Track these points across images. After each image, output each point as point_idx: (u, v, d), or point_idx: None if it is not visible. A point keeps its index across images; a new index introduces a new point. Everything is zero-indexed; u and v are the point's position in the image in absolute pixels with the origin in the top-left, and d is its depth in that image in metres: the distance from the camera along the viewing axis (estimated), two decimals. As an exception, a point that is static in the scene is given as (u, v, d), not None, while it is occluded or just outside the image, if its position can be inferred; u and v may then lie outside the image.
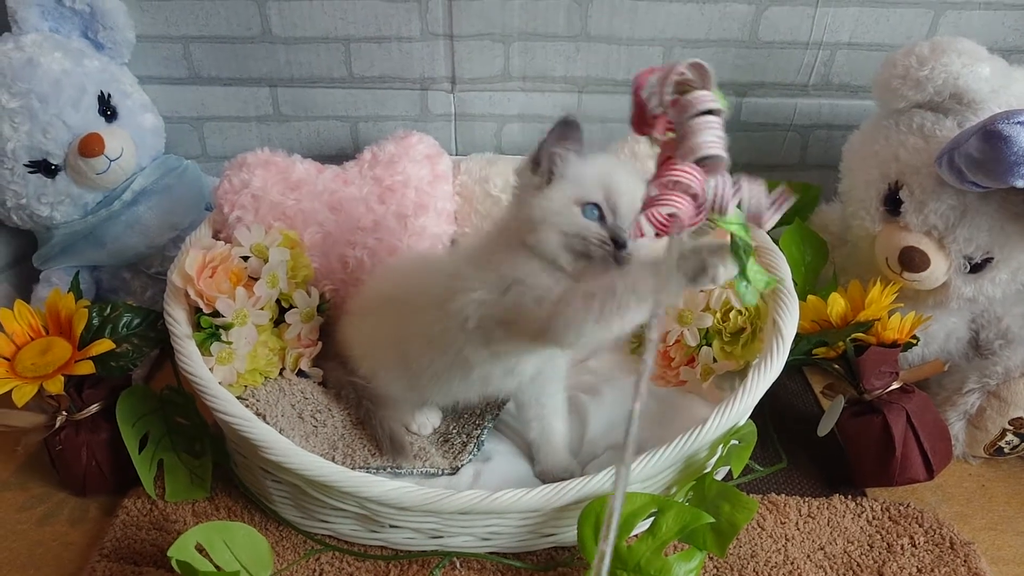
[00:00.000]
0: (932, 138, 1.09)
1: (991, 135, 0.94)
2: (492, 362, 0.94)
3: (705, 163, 0.63)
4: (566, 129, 0.88)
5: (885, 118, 1.15)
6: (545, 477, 1.03)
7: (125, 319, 1.06)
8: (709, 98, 0.61)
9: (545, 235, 0.86)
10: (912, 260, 1.10)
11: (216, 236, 1.14)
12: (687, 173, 0.61)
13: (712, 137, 0.61)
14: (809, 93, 1.39)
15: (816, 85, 1.38)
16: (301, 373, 1.14)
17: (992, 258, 1.09)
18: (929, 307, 1.16)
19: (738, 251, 0.70)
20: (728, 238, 0.70)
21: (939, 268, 1.10)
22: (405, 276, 1.07)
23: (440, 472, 1.02)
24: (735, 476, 1.00)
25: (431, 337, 0.95)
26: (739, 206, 0.66)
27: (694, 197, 0.62)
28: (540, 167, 0.89)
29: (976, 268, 1.10)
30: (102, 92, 1.21)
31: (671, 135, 0.67)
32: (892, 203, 1.13)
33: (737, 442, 0.95)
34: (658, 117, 0.65)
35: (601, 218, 0.86)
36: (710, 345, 1.10)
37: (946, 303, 1.15)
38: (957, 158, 1.00)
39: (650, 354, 0.63)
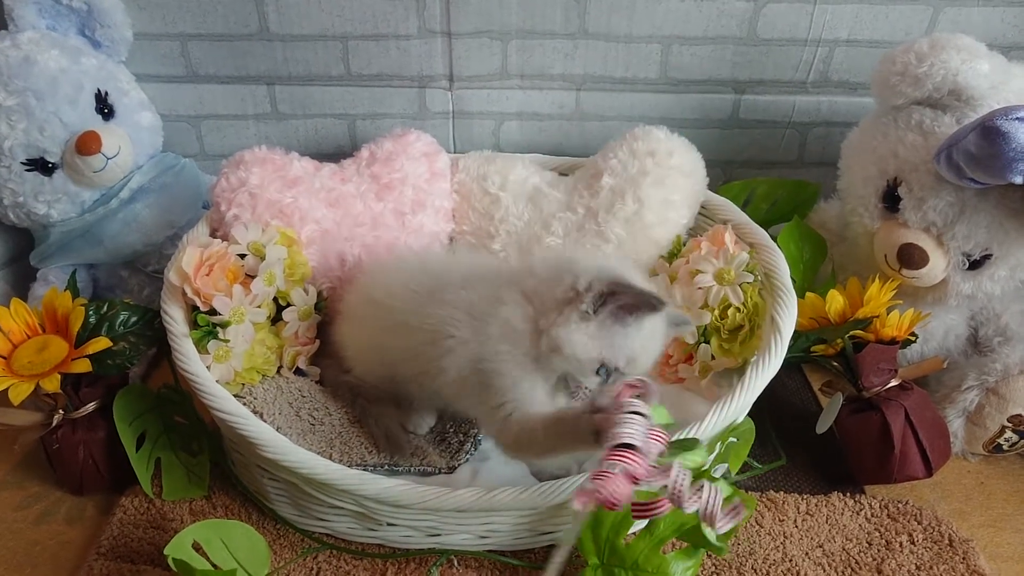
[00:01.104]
0: (931, 135, 1.08)
1: (990, 131, 0.94)
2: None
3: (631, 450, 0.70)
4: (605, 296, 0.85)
5: (884, 115, 1.15)
6: (541, 475, 1.02)
7: (122, 317, 1.06)
8: (640, 405, 0.72)
9: (555, 360, 0.87)
10: (911, 257, 1.10)
11: (213, 234, 1.14)
12: (632, 461, 0.69)
13: (632, 430, 0.70)
14: (808, 90, 1.39)
15: (815, 82, 1.38)
16: (299, 371, 1.13)
17: (991, 255, 1.08)
18: (928, 304, 1.16)
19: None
20: None
21: (938, 265, 1.10)
22: (392, 281, 1.05)
23: (437, 471, 1.02)
24: (733, 473, 1.00)
25: (414, 351, 0.96)
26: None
27: (635, 481, 0.69)
28: (599, 307, 0.86)
29: (975, 265, 1.10)
30: (99, 90, 1.21)
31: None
32: (891, 200, 1.13)
33: (735, 439, 0.95)
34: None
35: (607, 376, 0.87)
36: (708, 342, 1.10)
37: (945, 300, 1.15)
38: (955, 155, 1.00)
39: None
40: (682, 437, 0.89)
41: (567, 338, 0.85)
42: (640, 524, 0.87)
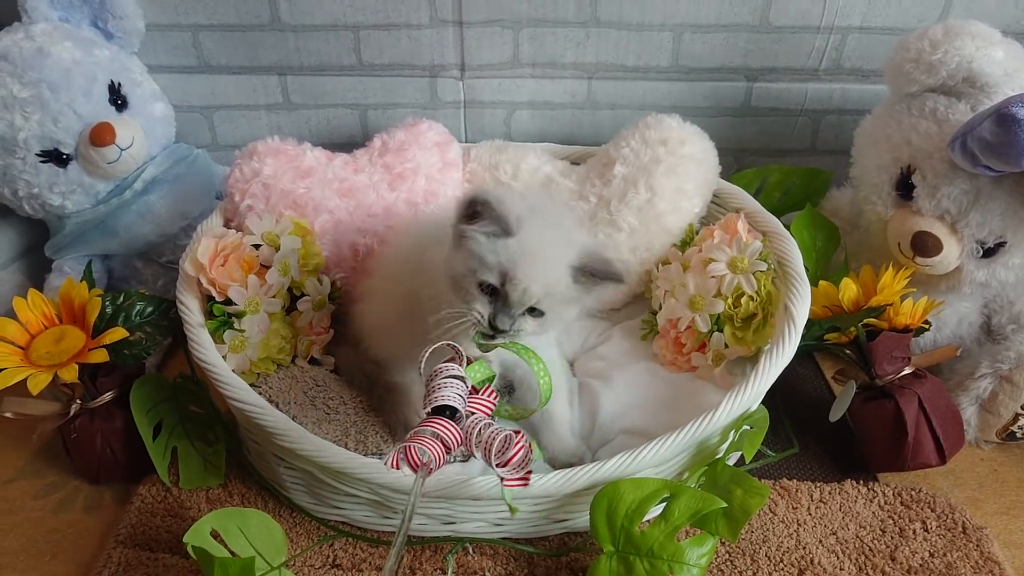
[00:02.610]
0: (945, 122, 1.08)
1: (1005, 118, 0.94)
2: None
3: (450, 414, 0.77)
4: (469, 210, 0.88)
5: (897, 102, 1.15)
6: (554, 463, 1.03)
7: (138, 307, 1.06)
8: (455, 368, 0.79)
9: (451, 288, 0.91)
10: (924, 245, 1.10)
11: (227, 225, 1.14)
12: (442, 427, 0.75)
13: (450, 393, 0.77)
14: (820, 78, 1.38)
15: (827, 70, 1.37)
16: (313, 361, 1.14)
17: (1005, 243, 1.08)
18: (941, 292, 1.16)
19: None
20: None
21: (951, 253, 1.10)
22: (417, 242, 1.08)
23: (452, 459, 1.02)
24: (747, 461, 1.00)
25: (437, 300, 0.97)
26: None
27: (447, 448, 0.75)
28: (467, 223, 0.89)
29: (989, 253, 1.09)
30: (112, 81, 1.21)
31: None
32: (904, 188, 1.12)
33: (749, 427, 0.95)
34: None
35: (493, 293, 0.88)
36: (721, 331, 1.10)
37: (958, 288, 1.14)
38: (970, 142, 0.99)
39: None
40: (695, 423, 0.89)
41: (447, 262, 0.90)
42: (655, 512, 0.88)
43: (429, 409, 0.77)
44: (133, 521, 1.00)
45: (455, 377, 0.79)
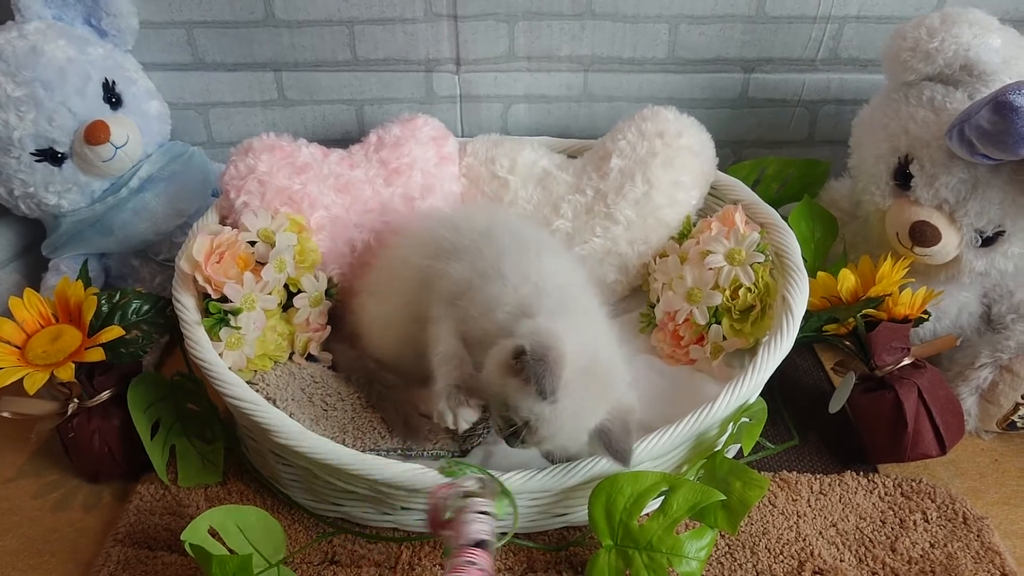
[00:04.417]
0: (942, 111, 1.07)
1: (1002, 106, 0.93)
2: None
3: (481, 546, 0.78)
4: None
5: (895, 91, 1.14)
6: (551, 458, 1.03)
7: (134, 306, 1.06)
8: (485, 504, 0.81)
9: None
10: (923, 235, 1.09)
11: (223, 222, 1.14)
12: (477, 555, 0.77)
13: (484, 526, 0.79)
14: (817, 68, 1.38)
15: (824, 60, 1.37)
16: (310, 357, 1.14)
17: (1004, 231, 1.07)
18: (940, 282, 1.15)
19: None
20: None
21: (950, 242, 1.09)
22: (420, 239, 1.08)
23: (451, 454, 1.02)
24: (746, 454, 1.00)
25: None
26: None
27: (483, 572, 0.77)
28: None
29: (988, 242, 1.09)
30: (106, 79, 1.21)
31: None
32: (902, 177, 1.12)
33: (748, 420, 0.94)
34: (449, 522, 0.80)
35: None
36: (719, 323, 1.10)
37: (958, 277, 1.14)
38: (968, 130, 0.99)
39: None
40: (694, 416, 0.89)
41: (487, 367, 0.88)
42: (653, 506, 0.88)
43: (469, 542, 0.78)
44: (132, 520, 1.00)
45: (486, 512, 0.80)
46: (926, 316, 1.10)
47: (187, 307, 1.01)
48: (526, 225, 1.12)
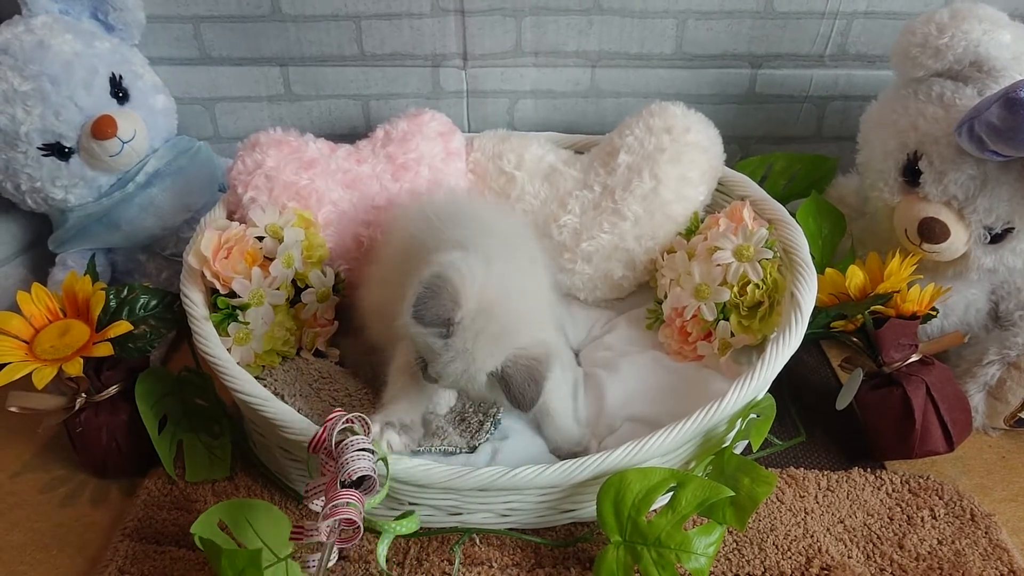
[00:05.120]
0: (952, 107, 1.07)
1: (1013, 103, 0.93)
2: None
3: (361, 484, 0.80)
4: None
5: (903, 87, 1.14)
6: (559, 453, 1.03)
7: (142, 301, 1.06)
8: (366, 441, 0.81)
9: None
10: (932, 231, 1.09)
11: (230, 217, 1.14)
12: (354, 496, 0.78)
13: (364, 464, 0.79)
14: (825, 64, 1.38)
15: (832, 55, 1.37)
16: (318, 353, 1.14)
17: (1013, 228, 1.07)
18: (949, 278, 1.15)
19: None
20: None
21: (959, 239, 1.09)
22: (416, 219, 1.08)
23: (458, 450, 1.02)
24: (754, 450, 1.00)
25: None
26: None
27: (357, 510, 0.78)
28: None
29: (996, 239, 1.08)
30: (113, 74, 1.21)
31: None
32: (911, 173, 1.11)
33: (756, 416, 0.94)
34: (328, 451, 0.82)
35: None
36: (727, 319, 1.09)
37: (966, 274, 1.14)
38: (978, 127, 0.98)
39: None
40: (702, 412, 0.89)
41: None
42: (662, 501, 0.87)
43: (349, 481, 0.78)
44: (139, 514, 1.00)
45: (366, 450, 0.80)
46: (934, 313, 1.10)
47: (195, 302, 1.01)
48: (494, 208, 1.18)
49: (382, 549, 0.84)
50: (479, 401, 1.05)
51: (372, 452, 0.80)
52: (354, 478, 0.78)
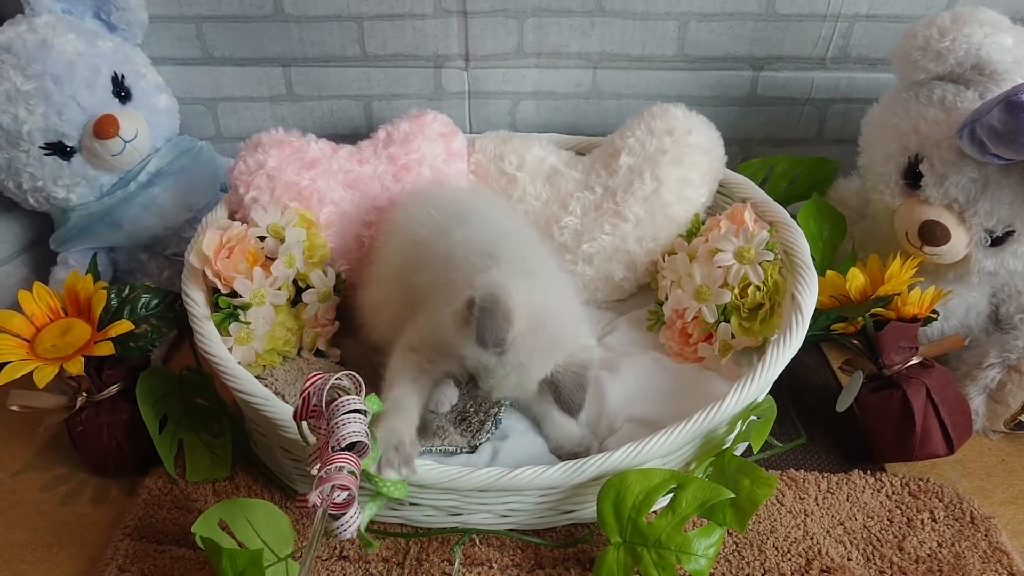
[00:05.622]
0: (953, 110, 1.07)
1: (1014, 106, 0.93)
2: None
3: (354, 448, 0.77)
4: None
5: (905, 90, 1.14)
6: (560, 453, 1.03)
7: (143, 300, 1.06)
8: (357, 401, 0.77)
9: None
10: (932, 234, 1.09)
11: (232, 217, 1.14)
12: (348, 460, 0.75)
13: (357, 429, 0.76)
14: (827, 66, 1.38)
15: (834, 58, 1.37)
16: (319, 353, 1.14)
17: (1014, 231, 1.07)
18: (949, 281, 1.15)
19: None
20: None
21: (960, 242, 1.09)
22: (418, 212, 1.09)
23: (459, 450, 1.02)
24: (754, 452, 1.00)
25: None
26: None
27: (354, 475, 0.75)
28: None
29: (997, 242, 1.09)
30: (116, 73, 1.21)
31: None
32: (912, 176, 1.12)
33: (756, 418, 0.94)
34: (319, 412, 0.78)
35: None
36: (728, 321, 1.09)
37: (967, 277, 1.14)
38: (979, 130, 0.98)
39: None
40: (702, 413, 0.89)
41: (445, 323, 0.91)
42: (662, 503, 0.88)
43: (340, 447, 0.76)
44: (140, 513, 1.00)
45: (358, 411, 0.78)
46: (934, 315, 1.10)
47: (196, 302, 1.02)
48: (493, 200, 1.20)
49: (367, 516, 0.83)
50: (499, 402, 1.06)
51: (364, 413, 0.79)
52: (343, 445, 0.76)
